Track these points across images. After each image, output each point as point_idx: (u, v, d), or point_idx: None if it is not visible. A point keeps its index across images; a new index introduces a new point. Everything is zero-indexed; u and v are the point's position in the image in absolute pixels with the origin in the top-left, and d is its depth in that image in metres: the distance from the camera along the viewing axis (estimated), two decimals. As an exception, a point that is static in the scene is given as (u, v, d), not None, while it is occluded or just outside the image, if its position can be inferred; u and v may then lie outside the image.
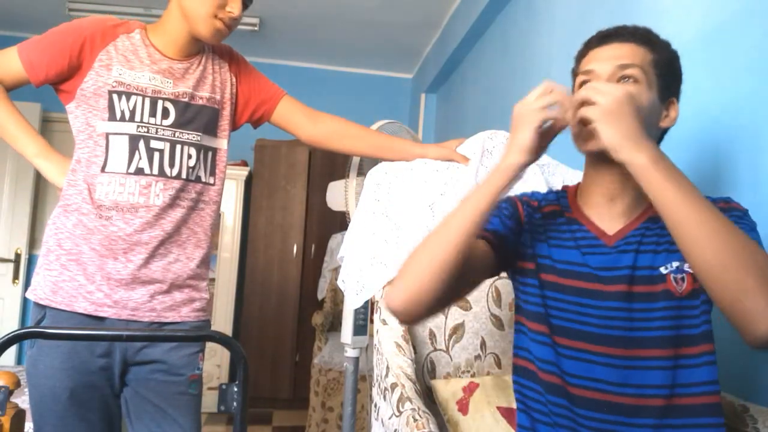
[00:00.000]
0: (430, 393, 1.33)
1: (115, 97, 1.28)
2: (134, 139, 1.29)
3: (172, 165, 1.32)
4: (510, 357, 1.32)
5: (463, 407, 1.26)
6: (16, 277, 3.93)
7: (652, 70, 0.94)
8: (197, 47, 1.38)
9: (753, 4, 1.26)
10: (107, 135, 1.28)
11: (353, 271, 1.41)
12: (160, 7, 1.80)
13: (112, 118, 1.28)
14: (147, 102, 1.30)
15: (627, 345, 0.91)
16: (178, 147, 1.33)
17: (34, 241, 3.99)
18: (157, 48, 1.34)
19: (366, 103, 4.45)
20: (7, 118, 1.32)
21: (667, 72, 0.96)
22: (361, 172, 1.67)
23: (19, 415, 0.98)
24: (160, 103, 1.31)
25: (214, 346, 3.55)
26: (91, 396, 1.29)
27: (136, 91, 1.30)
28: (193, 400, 1.37)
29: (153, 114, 1.30)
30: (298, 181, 4.10)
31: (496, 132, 1.51)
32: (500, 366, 1.42)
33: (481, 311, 1.43)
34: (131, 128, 1.29)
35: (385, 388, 1.18)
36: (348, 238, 1.45)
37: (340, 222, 3.70)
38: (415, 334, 1.37)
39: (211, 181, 1.40)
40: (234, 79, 1.45)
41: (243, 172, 4.08)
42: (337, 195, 1.85)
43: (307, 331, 3.79)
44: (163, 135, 1.31)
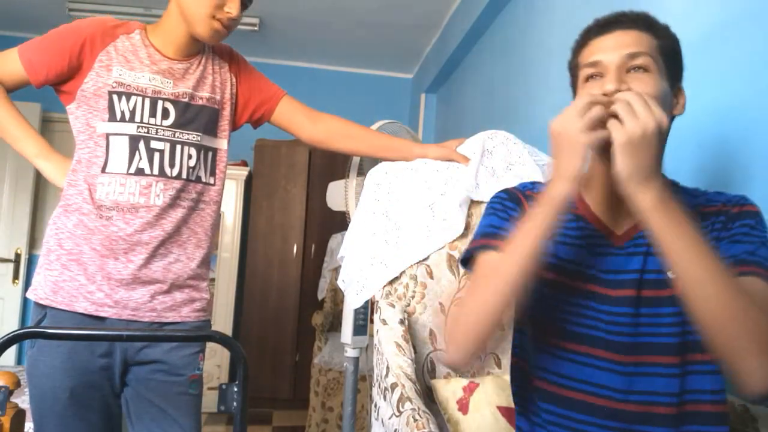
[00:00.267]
0: (431, 393, 1.33)
1: (115, 97, 1.28)
2: (134, 140, 1.29)
3: (173, 165, 1.32)
4: (510, 357, 1.32)
5: (464, 406, 1.26)
6: (16, 277, 3.93)
7: (660, 57, 0.89)
8: (197, 47, 1.38)
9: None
10: (107, 135, 1.28)
11: (353, 271, 1.41)
12: (160, 7, 1.80)
13: (113, 118, 1.28)
14: (147, 102, 1.30)
15: (632, 351, 0.88)
16: (179, 147, 1.33)
17: (34, 241, 3.99)
18: (157, 48, 1.34)
19: (366, 103, 4.45)
20: (8, 119, 1.32)
21: (673, 58, 0.91)
22: (361, 172, 1.67)
23: (19, 415, 0.98)
24: (160, 103, 1.31)
25: (214, 346, 3.55)
26: (92, 396, 1.29)
27: (136, 92, 1.30)
28: (194, 400, 1.37)
29: (153, 114, 1.31)
30: (298, 181, 4.10)
31: (496, 132, 1.51)
32: (500, 366, 1.42)
33: (481, 311, 1.43)
34: (131, 129, 1.29)
35: (385, 388, 1.18)
36: (348, 238, 1.45)
37: (340, 222, 3.67)
38: (415, 334, 1.37)
39: (212, 182, 1.40)
40: (234, 80, 1.45)
41: (243, 172, 4.08)
42: (337, 195, 1.85)
43: (307, 331, 3.78)
44: (163, 135, 1.31)
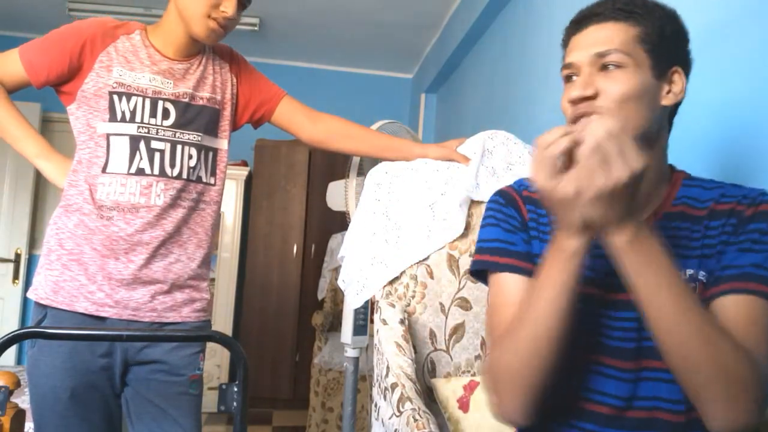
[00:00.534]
0: (431, 393, 1.34)
1: (115, 98, 1.29)
2: (135, 140, 1.29)
3: (173, 165, 1.32)
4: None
5: (464, 405, 1.26)
6: (16, 277, 3.93)
7: (638, 47, 0.82)
8: (197, 48, 1.38)
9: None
10: (108, 136, 1.29)
11: (353, 271, 1.41)
12: (160, 8, 1.80)
13: (113, 119, 1.29)
14: (147, 103, 1.30)
15: (635, 356, 0.85)
16: (179, 147, 1.33)
17: (34, 241, 4.00)
18: (157, 49, 1.34)
19: (366, 103, 4.45)
20: (8, 119, 1.32)
21: (659, 42, 0.84)
22: (361, 172, 1.67)
23: (19, 415, 0.98)
24: (160, 103, 1.31)
25: (214, 346, 3.55)
26: (92, 396, 1.29)
27: (137, 92, 1.30)
28: (194, 400, 1.38)
29: (153, 114, 1.31)
30: (298, 181, 4.10)
31: (496, 132, 1.51)
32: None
33: (481, 311, 1.43)
34: (132, 129, 1.29)
35: (386, 388, 1.18)
36: (348, 238, 1.45)
37: (340, 222, 3.69)
38: (415, 334, 1.37)
39: (212, 182, 1.40)
40: (234, 80, 1.46)
41: (243, 172, 4.08)
42: (337, 195, 1.86)
43: (307, 331, 3.79)
44: (164, 135, 1.31)
